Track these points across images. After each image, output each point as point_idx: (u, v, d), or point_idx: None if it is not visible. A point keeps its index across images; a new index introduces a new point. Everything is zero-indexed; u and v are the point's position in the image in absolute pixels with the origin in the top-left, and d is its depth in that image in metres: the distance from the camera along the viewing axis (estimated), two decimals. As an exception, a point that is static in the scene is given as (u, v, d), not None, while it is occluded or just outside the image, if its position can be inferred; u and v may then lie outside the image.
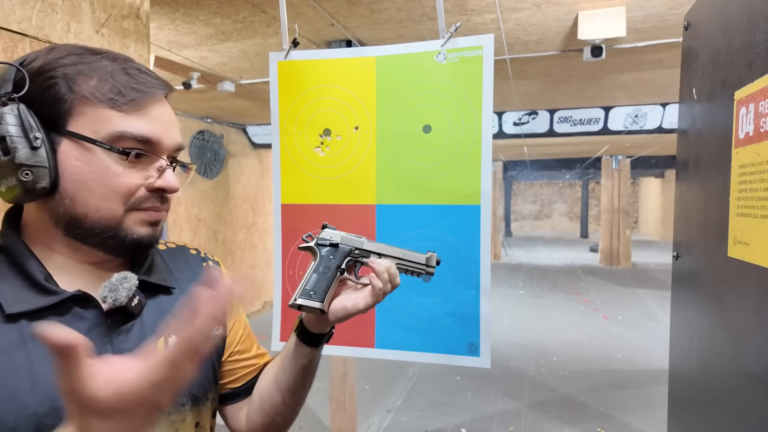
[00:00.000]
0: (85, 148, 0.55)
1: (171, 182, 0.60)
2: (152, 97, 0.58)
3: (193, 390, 0.66)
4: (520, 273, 9.32)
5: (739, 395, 0.72)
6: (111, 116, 0.55)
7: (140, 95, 0.57)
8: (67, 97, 0.55)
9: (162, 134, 0.59)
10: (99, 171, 0.55)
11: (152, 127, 0.58)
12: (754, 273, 0.67)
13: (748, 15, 0.72)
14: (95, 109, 0.55)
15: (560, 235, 17.54)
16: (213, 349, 0.71)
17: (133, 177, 0.57)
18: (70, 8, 0.96)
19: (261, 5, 2.16)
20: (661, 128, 4.83)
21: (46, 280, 0.56)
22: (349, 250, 0.78)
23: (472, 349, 1.16)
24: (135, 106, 0.57)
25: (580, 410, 3.49)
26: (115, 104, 0.55)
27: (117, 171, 0.56)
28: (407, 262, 0.79)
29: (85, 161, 0.55)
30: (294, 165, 1.25)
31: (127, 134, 0.56)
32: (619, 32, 2.23)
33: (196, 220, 5.12)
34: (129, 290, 0.59)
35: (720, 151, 0.79)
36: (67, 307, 0.57)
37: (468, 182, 1.14)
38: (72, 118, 0.55)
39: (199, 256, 0.77)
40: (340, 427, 2.92)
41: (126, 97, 0.56)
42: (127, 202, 0.57)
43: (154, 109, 0.59)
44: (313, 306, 0.71)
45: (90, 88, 0.55)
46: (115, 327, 0.59)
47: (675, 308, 1.08)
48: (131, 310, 0.60)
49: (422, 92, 1.16)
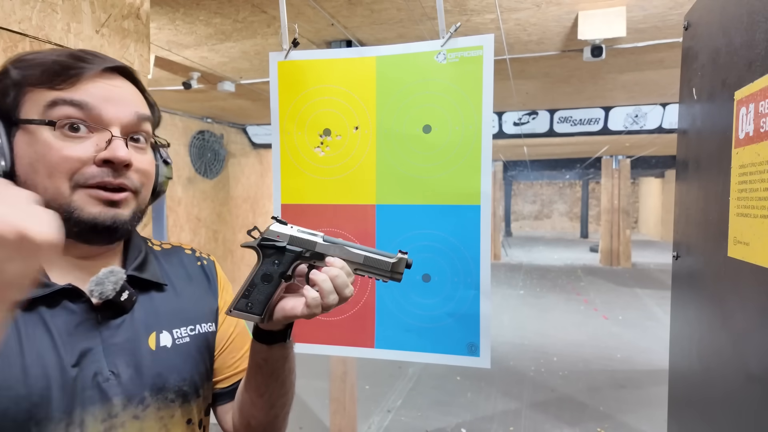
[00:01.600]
0: (29, 132, 0.57)
1: (117, 152, 0.57)
2: (88, 72, 0.58)
3: (183, 386, 0.66)
4: (520, 273, 9.32)
5: (739, 395, 0.72)
6: (48, 94, 0.57)
7: (76, 71, 0.57)
8: (13, 89, 0.57)
9: (103, 104, 0.58)
10: (41, 150, 0.56)
11: (89, 96, 0.57)
12: (754, 273, 0.67)
13: (748, 15, 0.72)
14: (37, 93, 0.57)
15: (560, 235, 17.53)
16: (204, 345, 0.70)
17: (74, 150, 0.56)
18: (70, 8, 0.96)
19: (261, 5, 2.16)
20: (661, 128, 4.83)
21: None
22: (297, 254, 0.66)
23: (472, 349, 1.16)
24: (70, 83, 0.57)
25: (580, 410, 3.49)
26: (53, 84, 0.57)
27: (57, 146, 0.56)
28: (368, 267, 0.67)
29: (30, 143, 0.56)
30: (294, 165, 1.25)
31: (59, 100, 0.56)
32: (619, 32, 2.23)
33: (196, 220, 5.12)
34: (115, 284, 0.59)
35: (720, 151, 0.79)
36: (57, 300, 0.58)
37: (468, 182, 1.14)
38: (20, 107, 0.57)
39: (194, 256, 0.77)
40: (340, 427, 2.92)
41: (61, 76, 0.57)
42: (70, 177, 0.56)
43: (94, 84, 0.58)
44: (250, 318, 0.65)
45: (33, 78, 0.57)
46: (105, 321, 0.60)
47: (675, 308, 1.08)
48: (121, 305, 0.61)
49: (422, 92, 1.16)
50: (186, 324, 0.68)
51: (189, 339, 0.68)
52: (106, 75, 0.60)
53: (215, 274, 0.78)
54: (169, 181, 0.74)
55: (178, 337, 0.67)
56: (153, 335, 0.64)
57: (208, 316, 0.73)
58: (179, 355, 0.66)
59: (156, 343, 0.64)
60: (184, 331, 0.67)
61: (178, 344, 0.66)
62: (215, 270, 0.79)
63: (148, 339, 0.63)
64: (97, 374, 0.58)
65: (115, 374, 0.59)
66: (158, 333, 0.65)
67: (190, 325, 0.69)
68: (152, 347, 0.63)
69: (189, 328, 0.68)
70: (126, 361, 0.60)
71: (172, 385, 0.64)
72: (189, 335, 0.68)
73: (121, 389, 0.59)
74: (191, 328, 0.69)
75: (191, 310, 0.70)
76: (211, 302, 0.74)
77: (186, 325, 0.68)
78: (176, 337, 0.66)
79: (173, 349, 0.65)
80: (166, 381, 0.64)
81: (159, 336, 0.65)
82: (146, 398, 0.61)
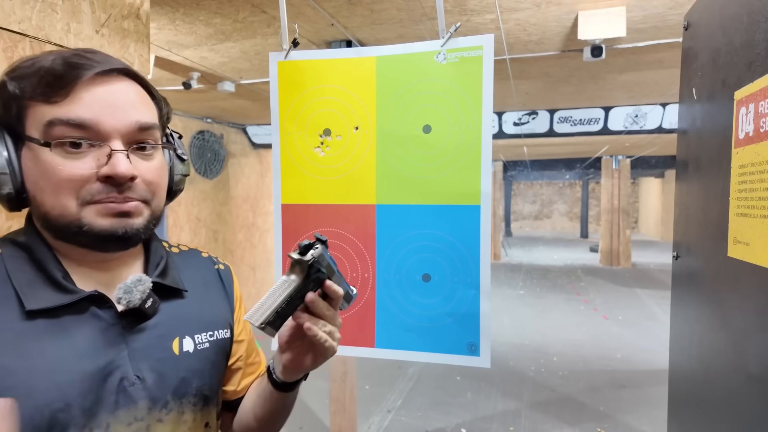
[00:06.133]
0: (32, 149, 0.55)
1: (117, 168, 0.54)
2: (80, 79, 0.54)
3: (204, 390, 0.67)
4: (520, 273, 9.32)
5: (739, 395, 0.72)
6: (45, 110, 0.55)
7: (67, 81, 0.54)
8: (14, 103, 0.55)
9: (101, 116, 0.55)
10: (44, 169, 0.55)
11: (86, 110, 0.54)
12: (754, 273, 0.67)
13: (748, 15, 0.72)
14: (35, 108, 0.55)
15: (560, 235, 17.53)
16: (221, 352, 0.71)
17: (76, 168, 0.54)
18: (70, 8, 0.96)
19: (261, 5, 2.16)
20: (661, 128, 4.82)
21: (64, 278, 0.57)
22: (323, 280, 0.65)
23: (472, 349, 1.16)
24: (62, 94, 0.54)
25: (580, 410, 3.49)
26: (47, 98, 0.54)
27: (58, 164, 0.54)
28: None
29: (35, 161, 0.55)
30: (294, 165, 1.25)
31: (56, 121, 0.54)
32: (619, 32, 2.23)
33: (196, 220, 5.12)
34: (143, 293, 0.60)
35: (720, 151, 0.80)
36: (84, 307, 0.58)
37: (468, 182, 1.14)
38: (25, 122, 0.55)
39: (210, 260, 0.78)
40: (340, 427, 2.92)
41: (53, 87, 0.54)
42: (78, 195, 0.55)
43: (90, 92, 0.55)
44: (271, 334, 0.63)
45: (29, 90, 0.55)
46: (130, 327, 0.60)
47: (675, 308, 1.08)
48: (145, 312, 0.61)
49: (422, 92, 1.16)
50: (205, 330, 0.69)
51: (208, 345, 0.69)
52: (104, 78, 0.56)
53: (231, 282, 0.78)
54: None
55: (199, 343, 0.67)
56: (176, 340, 0.65)
57: (224, 323, 0.73)
58: (201, 360, 0.67)
59: (179, 348, 0.65)
60: (204, 337, 0.68)
61: (200, 349, 0.67)
62: (231, 277, 0.79)
63: (172, 344, 0.64)
64: (123, 379, 0.58)
65: (140, 378, 0.59)
66: (181, 338, 0.65)
67: (209, 330, 0.69)
68: (176, 352, 0.64)
69: (208, 334, 0.69)
70: (150, 366, 0.61)
71: (195, 390, 0.65)
72: (208, 341, 0.69)
73: (146, 393, 0.60)
74: (210, 334, 0.69)
75: (209, 316, 0.71)
76: (227, 309, 0.75)
77: (206, 331, 0.69)
78: (197, 343, 0.67)
79: (195, 355, 0.66)
80: (189, 385, 0.64)
81: (182, 341, 0.65)
82: (169, 402, 0.62)
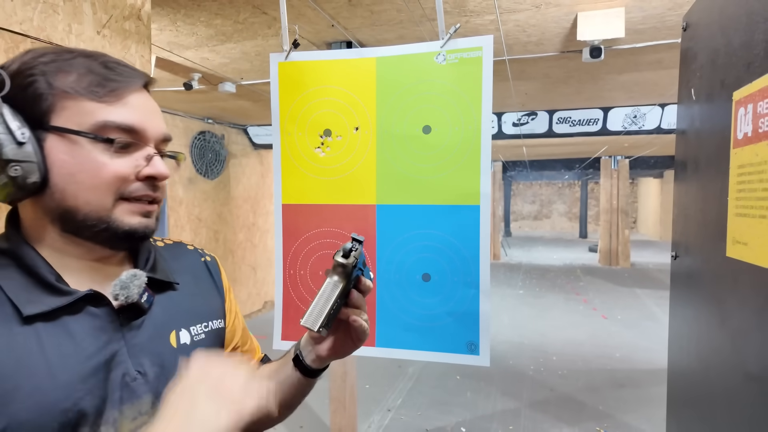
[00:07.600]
0: (71, 141, 0.56)
1: (160, 169, 0.60)
2: (131, 87, 0.59)
3: None
4: (520, 273, 9.33)
5: (738, 394, 0.72)
6: (93, 108, 0.56)
7: (119, 85, 0.58)
8: (47, 94, 0.55)
9: (145, 122, 0.59)
10: (86, 162, 0.56)
11: (135, 115, 0.58)
12: (752, 273, 0.67)
13: (746, 15, 0.72)
14: (76, 102, 0.56)
15: (559, 235, 17.53)
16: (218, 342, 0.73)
17: (120, 166, 0.57)
18: (72, 9, 0.96)
19: (262, 6, 2.17)
20: (660, 129, 4.83)
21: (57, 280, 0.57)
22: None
23: (472, 348, 1.16)
24: (115, 96, 0.57)
25: (580, 409, 3.49)
26: (96, 95, 0.56)
27: (104, 161, 0.56)
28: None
29: (72, 154, 0.56)
30: (294, 165, 1.26)
31: (110, 123, 0.56)
32: (618, 33, 2.23)
33: (197, 221, 5.12)
34: (140, 287, 0.60)
35: (718, 151, 0.80)
36: (80, 306, 0.58)
37: (467, 182, 1.15)
38: (55, 113, 0.56)
39: (196, 252, 0.79)
40: (340, 426, 2.92)
41: (105, 88, 0.57)
42: (116, 192, 0.57)
43: (135, 99, 0.59)
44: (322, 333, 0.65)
45: (69, 83, 0.56)
46: (127, 323, 0.61)
47: (674, 308, 1.08)
48: (141, 306, 0.62)
49: (422, 93, 1.17)
50: (200, 321, 0.70)
51: (204, 336, 0.70)
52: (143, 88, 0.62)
53: (219, 272, 0.79)
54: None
55: (196, 334, 0.68)
56: (173, 333, 0.66)
57: (217, 312, 0.74)
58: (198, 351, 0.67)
59: (177, 341, 0.65)
60: (200, 328, 0.70)
61: (197, 341, 0.68)
62: (218, 268, 0.80)
63: (169, 337, 0.65)
64: (125, 374, 0.59)
65: (141, 373, 0.60)
66: (177, 331, 0.66)
67: (204, 322, 0.71)
68: (174, 345, 0.65)
69: (203, 325, 0.70)
70: (151, 360, 0.62)
71: None
72: (204, 332, 0.70)
73: (149, 387, 0.60)
74: (205, 325, 0.71)
75: (202, 307, 0.72)
76: (218, 299, 0.76)
77: (201, 322, 0.70)
78: (194, 334, 0.68)
79: (192, 346, 0.67)
80: None
81: (179, 334, 0.66)
82: None
